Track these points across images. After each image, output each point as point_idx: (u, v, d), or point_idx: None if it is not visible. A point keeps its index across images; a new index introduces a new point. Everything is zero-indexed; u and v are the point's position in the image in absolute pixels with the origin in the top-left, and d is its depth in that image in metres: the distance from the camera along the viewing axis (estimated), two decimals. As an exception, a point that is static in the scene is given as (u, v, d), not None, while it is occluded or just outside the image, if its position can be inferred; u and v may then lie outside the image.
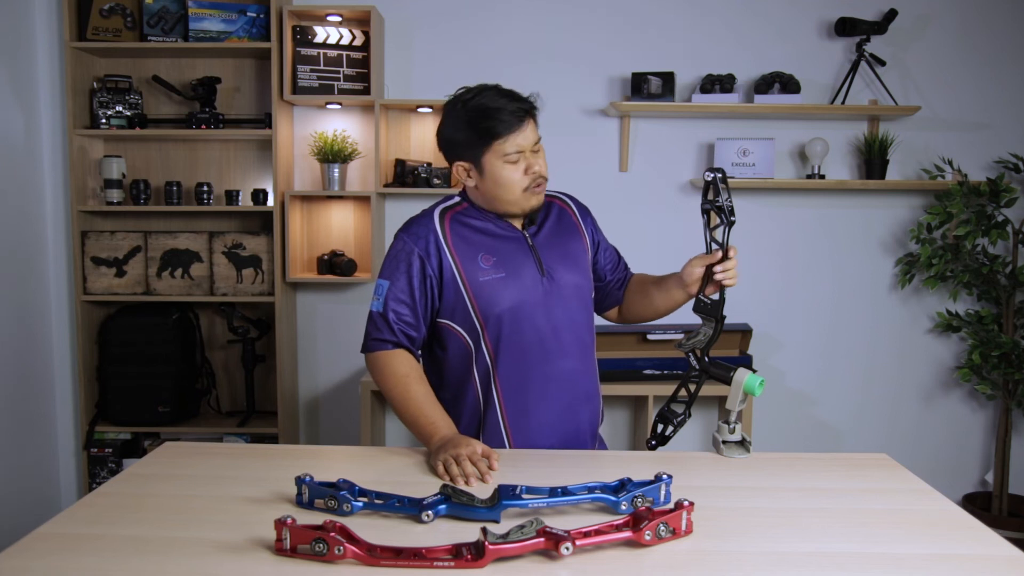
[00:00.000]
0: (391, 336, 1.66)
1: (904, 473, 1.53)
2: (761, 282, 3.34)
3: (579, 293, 1.73)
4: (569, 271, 1.72)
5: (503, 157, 1.61)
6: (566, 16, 3.26)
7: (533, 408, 1.68)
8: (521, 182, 1.63)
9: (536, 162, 1.64)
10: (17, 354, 3.05)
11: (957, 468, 3.43)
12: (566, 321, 1.69)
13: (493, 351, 1.66)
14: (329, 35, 3.09)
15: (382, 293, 1.67)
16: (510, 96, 1.63)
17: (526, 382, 1.67)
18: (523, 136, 1.61)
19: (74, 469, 3.34)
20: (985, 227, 3.09)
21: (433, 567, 1.10)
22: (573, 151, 3.28)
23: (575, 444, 1.73)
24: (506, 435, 1.69)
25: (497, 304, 1.64)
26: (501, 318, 1.64)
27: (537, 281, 1.67)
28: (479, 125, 1.61)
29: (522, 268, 1.67)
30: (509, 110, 1.60)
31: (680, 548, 1.18)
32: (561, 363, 1.69)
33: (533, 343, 1.66)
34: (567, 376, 1.70)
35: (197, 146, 3.28)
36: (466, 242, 1.67)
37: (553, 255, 1.71)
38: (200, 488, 1.40)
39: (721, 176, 1.58)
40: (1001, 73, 3.27)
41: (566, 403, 1.71)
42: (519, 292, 1.65)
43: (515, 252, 1.68)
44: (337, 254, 3.23)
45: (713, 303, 1.63)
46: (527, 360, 1.66)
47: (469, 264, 1.65)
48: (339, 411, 3.44)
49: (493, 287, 1.64)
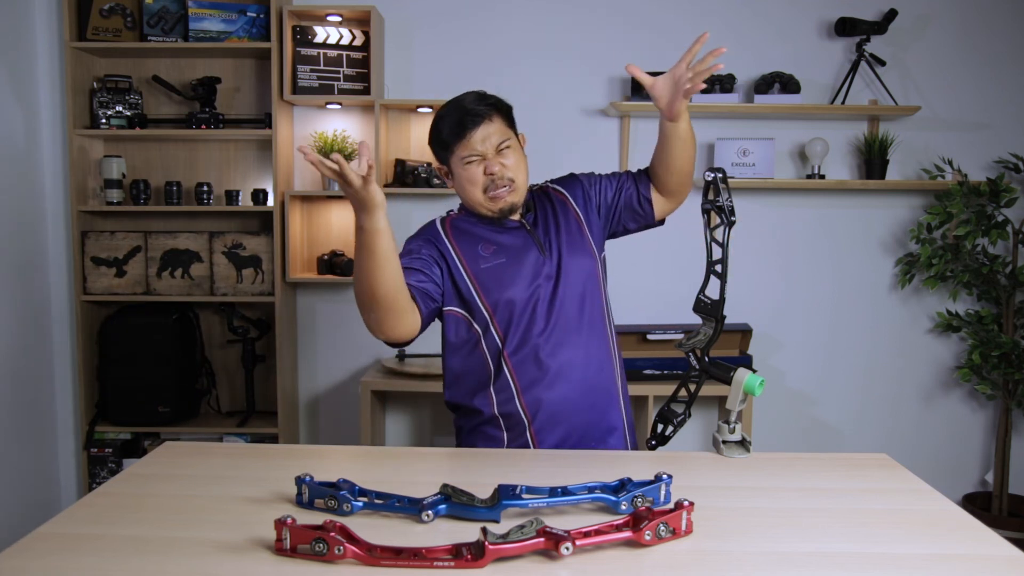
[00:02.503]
0: None
1: (904, 473, 1.53)
2: (761, 282, 3.34)
3: (584, 273, 1.75)
4: (572, 253, 1.74)
5: (461, 160, 1.69)
6: (566, 16, 3.26)
7: (544, 393, 1.68)
8: (480, 182, 1.69)
9: (495, 163, 1.68)
10: (17, 354, 3.05)
11: (957, 468, 3.43)
12: (572, 304, 1.72)
13: (503, 337, 1.68)
14: (329, 35, 3.09)
15: None
16: (468, 101, 1.69)
17: (537, 366, 1.68)
18: (476, 139, 1.67)
19: (74, 469, 3.34)
20: (985, 227, 3.09)
21: (433, 567, 1.09)
22: (573, 151, 3.28)
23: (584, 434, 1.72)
24: (524, 416, 1.68)
25: (502, 289, 1.68)
26: (511, 302, 1.68)
27: (540, 262, 1.71)
28: (439, 131, 1.71)
29: (523, 252, 1.71)
30: (456, 117, 1.67)
31: (680, 548, 1.17)
32: (567, 348, 1.70)
33: (539, 326, 1.68)
34: (592, 349, 1.72)
35: (197, 146, 3.28)
36: (466, 237, 1.73)
37: (552, 238, 1.75)
38: (200, 488, 1.40)
39: (721, 176, 1.58)
40: (1001, 73, 3.27)
41: (575, 391, 1.70)
42: (522, 275, 1.69)
43: (514, 239, 1.73)
44: (337, 254, 3.23)
45: (713, 303, 1.63)
46: (535, 344, 1.68)
47: (470, 255, 1.71)
48: (339, 411, 3.44)
49: (495, 272, 1.69)
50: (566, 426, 1.71)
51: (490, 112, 1.69)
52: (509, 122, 1.74)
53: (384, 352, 3.38)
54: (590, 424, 1.73)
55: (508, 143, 1.70)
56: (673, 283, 3.33)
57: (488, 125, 1.68)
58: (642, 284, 3.33)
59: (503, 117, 1.72)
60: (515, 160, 1.70)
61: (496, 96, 1.74)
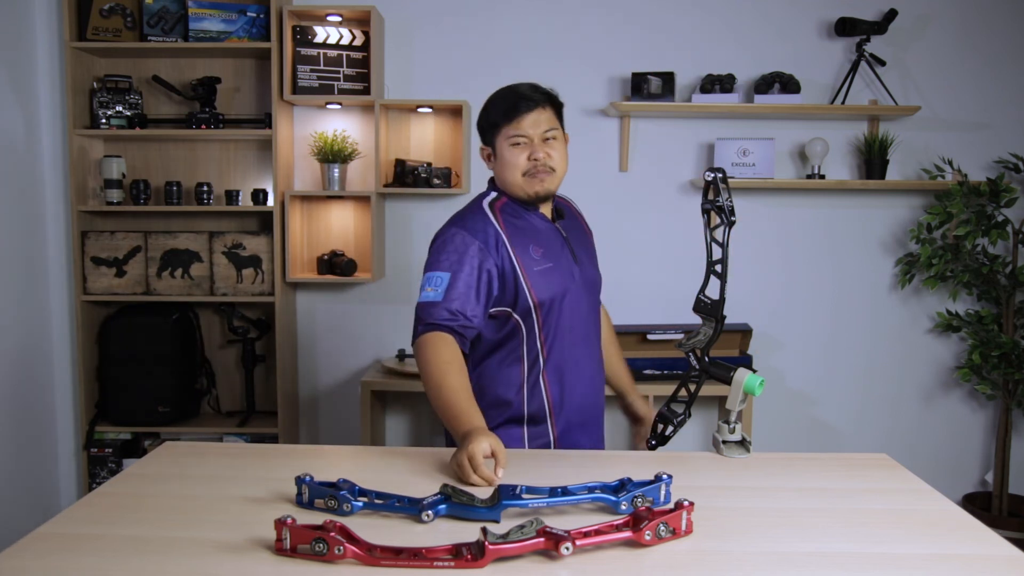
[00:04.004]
0: (447, 320, 1.67)
1: (904, 473, 1.53)
2: (761, 282, 3.34)
3: (598, 286, 1.92)
4: (590, 264, 1.89)
5: (508, 139, 1.75)
6: (566, 16, 3.26)
7: (568, 389, 1.80)
8: (522, 166, 1.75)
9: (540, 149, 1.74)
10: (17, 354, 3.05)
11: (957, 468, 3.43)
12: (591, 311, 1.86)
13: (543, 335, 1.77)
14: (329, 35, 3.09)
15: (440, 284, 1.69)
16: (524, 87, 1.77)
17: (564, 364, 1.79)
18: (526, 122, 1.73)
19: (74, 469, 3.34)
20: (985, 227, 3.09)
21: (433, 567, 1.10)
22: (573, 151, 3.21)
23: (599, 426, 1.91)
24: (549, 412, 1.79)
25: (548, 290, 1.75)
26: (552, 303, 1.76)
27: (574, 270, 1.81)
28: (491, 111, 1.78)
29: (562, 258, 1.80)
30: (513, 99, 1.75)
31: (680, 548, 1.17)
32: (586, 349, 1.84)
33: (566, 329, 1.78)
34: (597, 357, 1.89)
35: (197, 146, 3.28)
36: (519, 234, 1.77)
37: (579, 248, 1.86)
38: (200, 488, 1.40)
39: (721, 176, 1.58)
40: (1001, 73, 3.27)
41: (592, 378, 1.85)
42: (564, 281, 1.78)
43: (554, 243, 1.81)
44: (337, 254, 3.23)
45: (713, 303, 1.63)
46: (563, 344, 1.78)
47: (523, 254, 1.75)
48: (339, 411, 3.44)
49: (545, 276, 1.76)
50: (582, 427, 1.84)
51: (543, 101, 1.76)
52: (559, 115, 1.81)
53: (384, 352, 3.38)
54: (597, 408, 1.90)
55: (554, 134, 1.77)
56: (673, 283, 3.33)
57: (540, 112, 1.75)
58: (642, 284, 3.33)
59: (554, 109, 1.79)
60: (558, 151, 1.78)
61: (554, 91, 1.81)
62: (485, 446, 1.47)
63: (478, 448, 1.45)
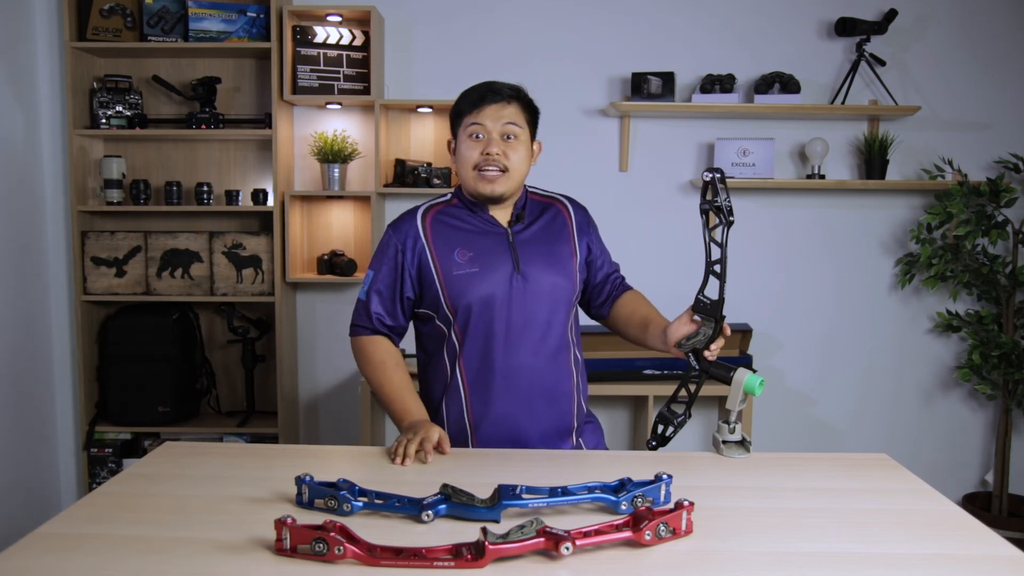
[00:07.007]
0: (368, 323, 1.78)
1: (904, 473, 1.53)
2: (761, 282, 3.34)
3: (556, 293, 1.75)
4: (548, 271, 1.74)
5: (467, 130, 1.71)
6: (566, 16, 3.26)
7: (495, 400, 1.72)
8: (474, 159, 1.70)
9: (496, 145, 1.69)
10: (17, 354, 3.05)
11: (957, 468, 3.43)
12: (536, 319, 1.72)
13: (460, 340, 1.73)
14: (329, 35, 3.09)
15: (367, 282, 1.79)
16: (499, 83, 1.73)
17: (490, 374, 1.72)
18: (487, 113, 1.69)
19: (74, 469, 3.34)
20: (985, 227, 3.09)
21: (433, 567, 1.10)
22: (573, 151, 3.28)
23: (537, 441, 1.74)
24: (468, 424, 1.74)
25: (466, 296, 1.70)
26: (470, 310, 1.70)
27: (510, 277, 1.71)
28: (459, 101, 1.75)
29: (497, 263, 1.71)
30: (482, 91, 1.71)
31: (680, 548, 1.18)
32: (525, 359, 1.72)
33: (499, 337, 1.70)
34: (530, 373, 1.73)
35: (197, 146, 3.28)
36: (445, 237, 1.74)
37: (534, 254, 1.74)
38: (200, 488, 1.40)
39: (720, 176, 1.58)
40: (1001, 73, 3.27)
41: (527, 399, 1.73)
42: (490, 286, 1.70)
43: (493, 248, 1.73)
44: (337, 254, 3.23)
45: (713, 303, 1.63)
46: (492, 353, 1.71)
47: (445, 258, 1.72)
48: (339, 411, 3.44)
49: (466, 280, 1.70)
50: (515, 443, 1.73)
51: (511, 96, 1.71)
52: (528, 117, 1.74)
53: (384, 352, 3.38)
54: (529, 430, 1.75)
55: (516, 131, 1.71)
56: (673, 283, 3.31)
57: (504, 106, 1.70)
58: (642, 284, 3.29)
59: (523, 108, 1.73)
60: (518, 153, 1.71)
61: (527, 93, 1.76)
62: (433, 436, 1.58)
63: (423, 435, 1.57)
